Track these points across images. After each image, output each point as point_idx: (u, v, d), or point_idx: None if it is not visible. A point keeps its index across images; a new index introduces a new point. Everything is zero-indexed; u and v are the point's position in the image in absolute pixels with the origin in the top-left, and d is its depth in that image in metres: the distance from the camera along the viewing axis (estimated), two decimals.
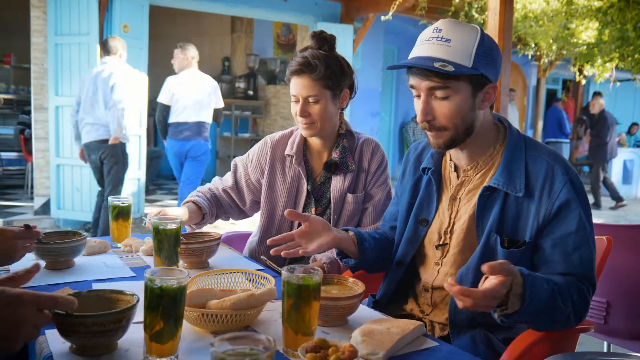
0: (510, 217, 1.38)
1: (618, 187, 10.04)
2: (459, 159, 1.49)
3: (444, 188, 1.53)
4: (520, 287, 1.18)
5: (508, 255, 1.36)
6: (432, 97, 1.37)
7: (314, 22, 7.24)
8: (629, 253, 2.15)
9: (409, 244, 1.56)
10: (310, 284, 1.09)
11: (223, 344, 0.76)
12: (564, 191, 1.33)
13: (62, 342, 1.08)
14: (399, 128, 10.82)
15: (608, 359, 1.26)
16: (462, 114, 1.36)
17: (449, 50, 1.32)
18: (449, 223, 1.49)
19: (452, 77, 1.32)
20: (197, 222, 1.96)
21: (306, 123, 1.88)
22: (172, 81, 5.03)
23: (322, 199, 1.97)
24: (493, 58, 1.37)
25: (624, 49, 6.00)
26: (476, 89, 1.36)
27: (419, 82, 1.37)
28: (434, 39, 1.34)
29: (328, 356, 0.97)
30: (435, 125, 1.38)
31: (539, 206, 1.35)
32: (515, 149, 1.42)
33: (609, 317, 2.24)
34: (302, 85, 1.84)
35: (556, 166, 1.37)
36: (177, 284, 1.02)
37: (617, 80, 6.90)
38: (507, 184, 1.38)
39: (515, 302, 1.18)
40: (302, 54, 1.86)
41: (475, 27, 1.36)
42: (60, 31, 5.40)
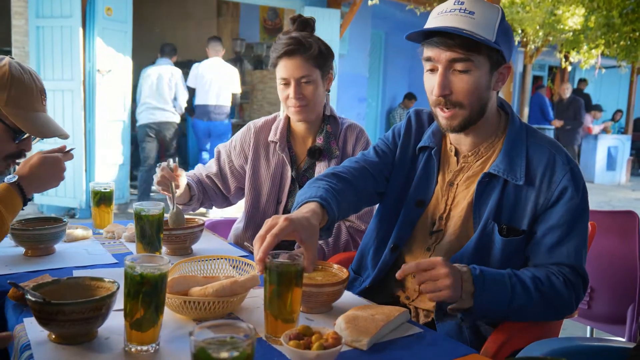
0: (508, 205, 1.37)
1: (602, 174, 10.17)
2: (460, 144, 1.46)
3: (442, 170, 1.50)
4: (470, 284, 1.23)
5: (506, 244, 1.35)
6: (450, 71, 1.32)
7: (301, 7, 7.17)
8: (612, 239, 2.16)
9: (404, 226, 1.50)
10: (291, 270, 1.07)
11: (203, 331, 0.75)
12: (564, 181, 1.33)
13: (40, 331, 1.06)
14: (386, 114, 10.81)
15: (591, 344, 1.27)
16: (479, 90, 1.33)
17: (473, 22, 1.28)
18: (444, 209, 1.46)
19: (474, 50, 1.29)
20: (184, 202, 1.94)
21: (299, 106, 1.85)
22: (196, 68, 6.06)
23: None
24: (510, 37, 1.36)
25: (610, 36, 6.03)
26: (493, 67, 1.34)
27: (438, 54, 1.31)
28: (456, 11, 1.30)
29: (311, 343, 0.96)
30: (452, 100, 1.33)
31: (539, 194, 1.35)
32: (517, 137, 1.40)
33: (592, 302, 2.26)
34: (295, 66, 1.81)
35: (558, 156, 1.36)
36: (158, 271, 1.00)
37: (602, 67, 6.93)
38: (507, 171, 1.36)
39: (466, 299, 1.24)
40: (289, 35, 1.84)
41: (497, 6, 1.35)
42: (42, 13, 5.29)
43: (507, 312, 1.28)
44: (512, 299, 1.26)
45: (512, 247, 1.36)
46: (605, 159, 10.31)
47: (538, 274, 1.31)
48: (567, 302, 1.32)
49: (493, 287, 1.25)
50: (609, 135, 10.48)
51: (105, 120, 5.59)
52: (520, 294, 1.27)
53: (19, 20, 5.46)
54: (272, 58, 1.87)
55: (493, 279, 1.26)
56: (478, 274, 1.25)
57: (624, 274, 2.16)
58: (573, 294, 1.32)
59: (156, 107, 5.78)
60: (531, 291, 1.28)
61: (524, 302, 1.27)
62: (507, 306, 1.27)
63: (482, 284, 1.24)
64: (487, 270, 1.27)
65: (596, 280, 2.24)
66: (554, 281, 1.30)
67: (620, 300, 2.18)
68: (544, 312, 1.32)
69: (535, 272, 1.31)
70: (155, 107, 5.78)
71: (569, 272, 1.32)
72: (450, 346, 1.10)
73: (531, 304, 1.28)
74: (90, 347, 1.03)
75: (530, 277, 1.30)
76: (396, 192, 1.55)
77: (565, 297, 1.31)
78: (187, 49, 9.11)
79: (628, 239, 2.13)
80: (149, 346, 1.01)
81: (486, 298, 1.24)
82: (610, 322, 2.26)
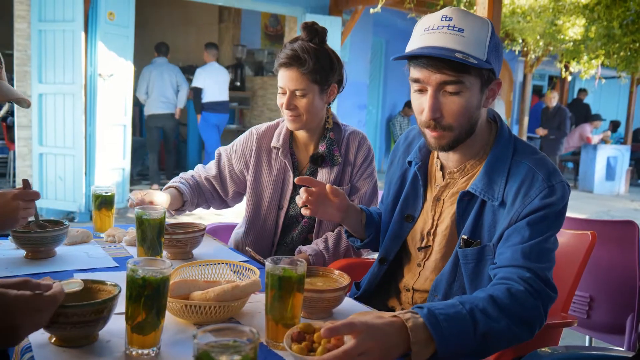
0: (486, 224, 1.32)
1: (601, 184, 10.17)
2: (448, 160, 1.42)
3: (429, 185, 1.48)
4: (421, 331, 1.01)
5: (464, 256, 1.32)
6: (440, 93, 1.25)
7: (302, 14, 7.20)
8: (612, 249, 2.17)
9: (393, 240, 1.51)
10: (292, 275, 1.08)
11: (206, 335, 0.75)
12: (539, 198, 1.24)
13: (41, 334, 1.06)
14: (386, 121, 10.83)
15: (590, 353, 1.27)
16: (470, 111, 1.27)
17: (463, 41, 1.21)
18: (432, 224, 1.44)
19: (465, 72, 1.22)
20: (177, 208, 1.94)
21: (292, 116, 1.86)
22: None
23: None
24: (500, 52, 1.29)
25: (610, 46, 6.05)
26: (484, 85, 1.28)
27: (428, 76, 1.24)
28: (444, 28, 1.23)
29: (314, 342, 0.96)
30: (442, 123, 1.27)
31: (510, 210, 1.27)
32: (501, 154, 1.33)
33: (591, 312, 2.26)
34: (289, 78, 1.82)
35: (538, 173, 1.28)
36: (160, 275, 1.00)
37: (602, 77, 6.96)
38: (485, 190, 1.31)
39: (422, 349, 1.01)
40: (292, 45, 1.84)
41: (486, 19, 1.27)
42: (44, 17, 5.30)
43: (477, 344, 1.07)
44: (475, 327, 1.07)
45: (471, 259, 1.30)
46: (604, 169, 10.31)
47: (494, 292, 1.14)
48: (534, 313, 1.15)
49: (449, 322, 1.04)
50: (608, 146, 10.49)
51: (106, 125, 5.59)
52: (481, 319, 1.08)
53: (21, 23, 5.47)
54: (275, 64, 1.88)
55: (444, 311, 1.06)
56: (426, 313, 1.03)
57: (623, 284, 2.16)
58: (539, 303, 1.16)
59: (161, 101, 6.87)
60: (491, 312, 1.09)
61: (489, 325, 1.08)
62: (474, 336, 1.06)
63: (436, 322, 1.03)
64: (433, 306, 1.07)
65: (595, 289, 2.24)
66: (515, 293, 1.14)
67: (619, 309, 2.18)
68: (514, 329, 1.12)
69: (491, 292, 1.14)
70: (161, 101, 6.87)
71: (530, 277, 1.17)
72: None
73: (498, 325, 1.09)
74: (92, 350, 1.03)
75: (486, 299, 1.12)
76: (387, 206, 1.56)
77: (531, 308, 1.15)
78: (188, 54, 9.14)
79: (627, 248, 2.14)
80: (150, 350, 1.01)
81: (447, 336, 1.02)
82: (610, 332, 2.26)
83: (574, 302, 2.28)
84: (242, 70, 8.82)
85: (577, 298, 2.27)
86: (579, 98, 12.10)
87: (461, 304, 1.09)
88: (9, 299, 0.91)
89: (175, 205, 1.92)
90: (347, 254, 1.90)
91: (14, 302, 0.91)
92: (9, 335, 0.91)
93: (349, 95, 8.42)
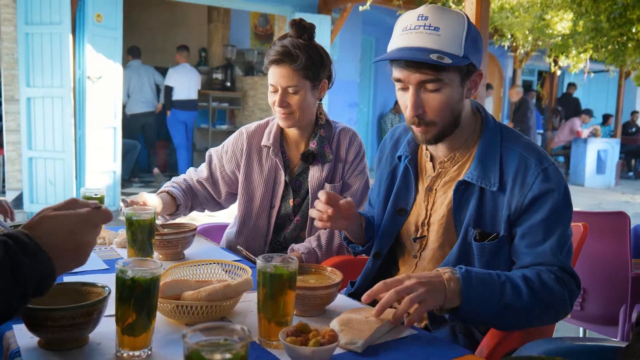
0: (487, 210, 1.35)
1: (592, 177, 10.24)
2: (436, 150, 1.45)
3: (420, 177, 1.50)
4: (456, 282, 1.17)
5: (481, 250, 1.34)
6: (421, 90, 1.30)
7: (292, 13, 7.18)
8: (604, 240, 2.18)
9: (386, 235, 1.52)
10: (284, 273, 1.07)
11: (196, 334, 0.74)
12: (537, 183, 1.29)
13: (30, 337, 1.04)
14: (377, 119, 10.84)
15: (584, 344, 1.27)
16: (451, 105, 1.31)
17: (439, 40, 1.24)
18: (425, 215, 1.46)
19: (443, 69, 1.26)
20: (170, 212, 1.92)
21: (285, 113, 1.84)
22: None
23: (300, 190, 1.95)
24: (478, 44, 1.32)
25: (598, 40, 6.07)
26: (464, 78, 1.32)
27: (407, 75, 1.29)
28: (420, 27, 1.26)
29: (308, 340, 0.96)
30: (425, 119, 1.32)
31: (511, 198, 1.32)
32: (490, 142, 1.38)
33: (585, 304, 2.27)
34: (281, 75, 1.80)
35: (529, 158, 1.33)
36: (150, 275, 0.99)
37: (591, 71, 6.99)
38: (481, 178, 1.34)
39: (453, 298, 1.17)
40: (282, 42, 1.82)
41: (461, 13, 1.30)
42: (31, 20, 5.26)
43: (497, 311, 1.20)
44: (501, 297, 1.20)
45: (489, 252, 1.33)
46: (594, 162, 10.37)
47: (528, 273, 1.25)
48: (561, 299, 1.25)
49: (480, 284, 1.19)
50: (598, 139, 10.55)
51: (96, 127, 5.56)
52: (510, 292, 1.20)
53: (8, 27, 5.42)
54: (266, 61, 1.86)
55: (480, 276, 1.21)
56: (464, 272, 1.19)
57: (616, 275, 2.17)
58: (566, 291, 1.26)
59: (141, 101, 7.40)
60: (521, 289, 1.21)
61: (514, 300, 1.20)
62: (497, 305, 1.19)
63: (469, 281, 1.18)
64: (474, 269, 1.23)
65: (588, 281, 2.25)
66: (545, 279, 1.24)
67: (612, 301, 2.19)
68: (537, 311, 1.24)
69: (525, 272, 1.26)
70: (141, 101, 7.39)
71: (557, 270, 1.26)
72: (445, 347, 1.10)
73: (522, 303, 1.20)
74: (82, 353, 1.02)
75: (520, 276, 1.24)
76: (380, 202, 1.57)
77: (559, 294, 1.24)
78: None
79: (619, 239, 2.15)
80: (141, 351, 1.00)
81: (474, 295, 1.17)
82: (603, 323, 2.26)
83: None
84: (232, 71, 8.79)
85: None
86: (568, 92, 12.17)
87: (497, 275, 1.23)
88: (72, 219, 0.90)
89: (168, 209, 1.90)
90: (340, 252, 1.89)
91: (76, 221, 0.90)
92: (78, 255, 0.91)
93: (339, 94, 8.41)
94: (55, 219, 0.88)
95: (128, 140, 6.96)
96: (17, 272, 0.80)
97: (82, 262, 0.92)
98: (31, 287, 0.82)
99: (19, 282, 0.80)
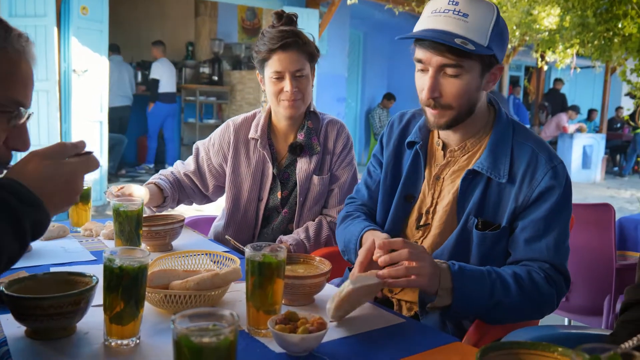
0: (491, 201, 1.37)
1: (578, 172, 10.33)
2: (449, 139, 1.46)
3: (428, 165, 1.50)
4: (449, 281, 1.21)
5: (482, 239, 1.35)
6: (441, 74, 1.31)
7: (280, 6, 7.13)
8: (589, 232, 2.20)
9: (395, 222, 1.51)
10: (273, 261, 1.07)
11: (185, 320, 0.74)
12: (545, 179, 1.32)
13: (17, 327, 1.04)
14: (365, 114, 10.84)
15: (569, 332, 1.28)
16: (469, 93, 1.32)
17: (466, 26, 1.25)
18: (431, 203, 1.46)
19: (466, 56, 1.26)
20: (157, 204, 1.91)
21: (295, 100, 1.83)
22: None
23: (287, 182, 1.95)
24: (504, 38, 1.33)
25: (584, 35, 6.11)
26: (485, 69, 1.33)
27: (429, 57, 1.29)
28: (450, 12, 1.26)
29: (297, 328, 0.97)
30: (441, 102, 1.33)
31: (519, 192, 1.34)
32: (503, 135, 1.39)
33: (569, 295, 2.29)
34: (290, 60, 1.79)
35: (541, 154, 1.35)
36: (138, 264, 0.99)
37: (577, 67, 7.04)
38: (491, 169, 1.35)
39: (444, 296, 1.22)
40: (277, 29, 1.81)
41: (492, 4, 1.30)
42: (15, 12, 5.18)
43: (487, 309, 1.25)
44: (491, 295, 1.24)
45: (489, 242, 1.35)
46: (580, 157, 10.47)
47: (519, 270, 1.29)
48: (548, 299, 1.29)
49: (472, 283, 1.23)
50: (584, 135, 10.64)
51: (82, 121, 5.51)
52: (500, 290, 1.24)
53: None
54: (262, 52, 1.82)
55: (472, 275, 1.24)
56: (457, 270, 1.23)
57: (601, 266, 2.20)
58: (555, 291, 1.30)
59: (120, 95, 7.41)
60: (511, 287, 1.25)
61: (504, 298, 1.24)
62: (487, 302, 1.24)
63: (461, 280, 1.21)
64: (466, 267, 1.26)
65: (573, 272, 2.26)
66: (535, 277, 1.28)
67: (596, 291, 2.22)
68: (525, 308, 1.29)
69: (516, 269, 1.29)
70: (119, 95, 7.39)
71: (549, 268, 1.30)
72: (433, 335, 1.11)
73: (511, 301, 1.24)
74: (69, 342, 1.01)
75: (511, 274, 1.27)
76: (386, 189, 1.56)
77: (546, 294, 1.28)
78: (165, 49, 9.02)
79: (604, 231, 2.17)
80: (130, 340, 1.00)
81: (465, 294, 1.22)
82: (587, 314, 2.29)
83: None
84: (220, 65, 8.75)
85: None
86: (555, 88, 12.25)
87: (488, 272, 1.26)
88: (67, 168, 0.92)
89: (155, 201, 1.89)
90: (328, 243, 1.89)
91: (70, 170, 0.93)
92: (71, 200, 0.94)
93: (327, 88, 8.40)
94: (49, 168, 0.90)
95: (114, 135, 6.91)
96: (17, 224, 0.83)
97: (72, 204, 0.98)
98: (30, 235, 0.85)
99: (18, 232, 0.83)
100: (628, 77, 5.63)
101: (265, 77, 1.86)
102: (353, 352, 1.01)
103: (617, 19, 5.60)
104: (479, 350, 0.77)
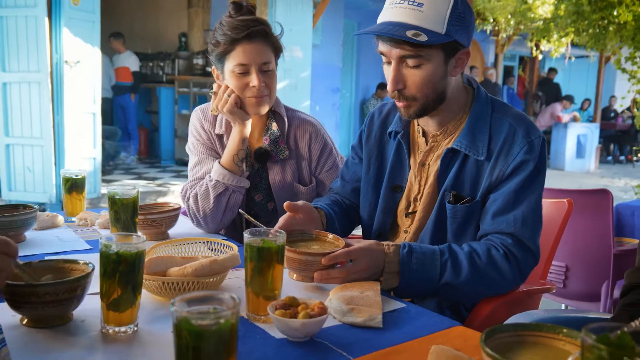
0: (468, 177, 1.36)
1: (572, 161, 10.36)
2: (428, 125, 1.45)
3: (412, 153, 1.49)
4: (395, 264, 1.24)
5: (454, 212, 1.35)
6: (403, 65, 1.31)
7: None
8: (587, 217, 2.20)
9: (385, 212, 1.50)
10: (272, 246, 1.05)
11: (185, 303, 0.72)
12: (521, 154, 1.31)
13: (12, 315, 1.02)
14: (360, 104, 10.82)
15: (569, 315, 1.28)
16: (433, 82, 1.32)
17: (420, 16, 1.24)
18: (418, 190, 1.46)
19: (424, 46, 1.26)
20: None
21: (262, 96, 1.66)
22: None
23: (260, 186, 1.81)
24: (466, 22, 1.31)
25: (579, 24, 6.10)
26: (449, 56, 1.31)
27: (389, 50, 1.30)
28: (405, 3, 1.26)
29: (297, 313, 0.95)
30: (405, 94, 1.33)
31: (494, 167, 1.33)
32: (481, 112, 1.39)
33: (567, 281, 2.29)
34: (257, 51, 1.63)
35: (518, 130, 1.34)
36: (135, 250, 0.97)
37: (572, 56, 7.04)
38: (469, 146, 1.35)
39: (391, 279, 1.25)
40: (237, 19, 1.63)
41: None
42: (5, 2, 5.11)
43: (435, 289, 1.27)
44: (440, 276, 1.25)
45: (461, 216, 1.35)
46: (574, 147, 10.50)
47: (477, 247, 1.28)
48: (506, 277, 1.27)
49: (420, 266, 1.24)
50: (578, 124, 10.67)
51: (75, 113, 5.45)
52: (450, 271, 1.25)
53: None
54: (221, 44, 1.63)
55: (422, 257, 1.25)
56: (405, 253, 1.24)
57: (598, 252, 2.20)
58: (516, 268, 1.28)
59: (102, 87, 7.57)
60: (462, 268, 1.25)
61: (453, 279, 1.25)
62: (435, 284, 1.26)
63: (407, 264, 1.23)
64: (417, 248, 1.26)
65: (571, 258, 2.28)
66: (494, 254, 1.27)
67: (594, 277, 2.22)
68: (478, 288, 1.28)
69: (475, 247, 1.29)
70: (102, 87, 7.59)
71: (511, 244, 1.28)
72: (434, 319, 1.10)
73: (461, 281, 1.25)
74: (66, 330, 1.00)
75: (467, 253, 1.27)
76: (370, 181, 1.55)
77: (504, 272, 1.27)
78: (157, 40, 8.97)
79: (602, 217, 2.17)
80: (127, 327, 0.98)
81: (412, 277, 1.24)
82: (586, 299, 2.29)
83: (550, 272, 2.31)
84: None
85: (553, 268, 2.30)
86: (549, 77, 12.26)
87: (441, 252, 1.27)
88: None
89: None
90: None
91: None
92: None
93: (322, 79, 8.37)
94: None
95: (108, 127, 6.86)
96: None
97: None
98: None
99: None
100: (623, 65, 5.63)
101: (226, 72, 1.67)
102: (354, 337, 1.00)
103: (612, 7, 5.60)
104: (483, 332, 0.76)
